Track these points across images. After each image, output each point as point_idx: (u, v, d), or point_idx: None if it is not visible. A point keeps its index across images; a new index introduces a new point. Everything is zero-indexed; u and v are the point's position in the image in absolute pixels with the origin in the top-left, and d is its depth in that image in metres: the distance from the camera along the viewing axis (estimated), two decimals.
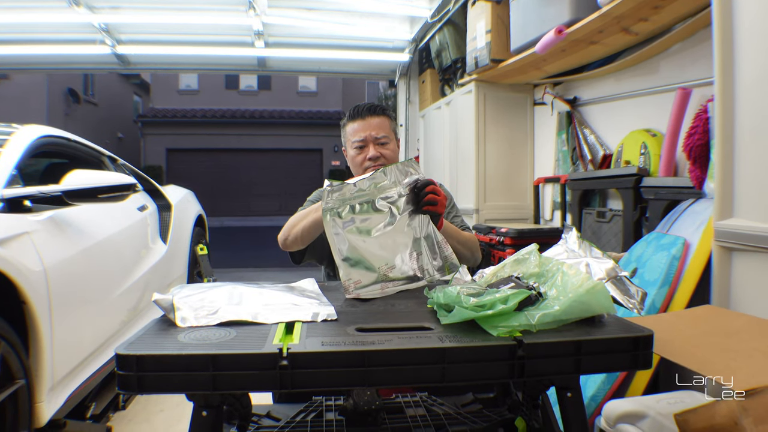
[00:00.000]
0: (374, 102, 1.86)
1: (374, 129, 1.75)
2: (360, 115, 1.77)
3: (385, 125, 1.77)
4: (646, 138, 2.63)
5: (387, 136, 1.77)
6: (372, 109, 1.78)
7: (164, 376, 0.84)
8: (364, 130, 1.75)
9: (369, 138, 1.75)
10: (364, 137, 1.75)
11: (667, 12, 2.27)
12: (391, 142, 1.78)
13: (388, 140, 1.77)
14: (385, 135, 1.76)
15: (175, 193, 3.82)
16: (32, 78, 13.36)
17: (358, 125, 1.76)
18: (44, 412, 1.71)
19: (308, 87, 19.46)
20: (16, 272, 1.60)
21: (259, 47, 5.14)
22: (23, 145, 2.16)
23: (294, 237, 1.62)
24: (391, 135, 1.79)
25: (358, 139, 1.75)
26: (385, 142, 1.76)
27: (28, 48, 5.03)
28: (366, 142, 1.75)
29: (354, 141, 1.76)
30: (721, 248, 1.60)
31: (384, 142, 1.76)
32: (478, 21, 3.63)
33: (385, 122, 1.78)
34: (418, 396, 1.41)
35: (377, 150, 1.74)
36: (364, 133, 1.75)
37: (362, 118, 1.76)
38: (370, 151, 1.74)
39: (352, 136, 1.77)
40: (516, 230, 3.26)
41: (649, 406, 1.32)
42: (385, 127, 1.77)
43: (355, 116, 1.78)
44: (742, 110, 1.53)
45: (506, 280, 1.13)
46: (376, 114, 1.77)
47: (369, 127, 1.75)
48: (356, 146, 1.76)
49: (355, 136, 1.76)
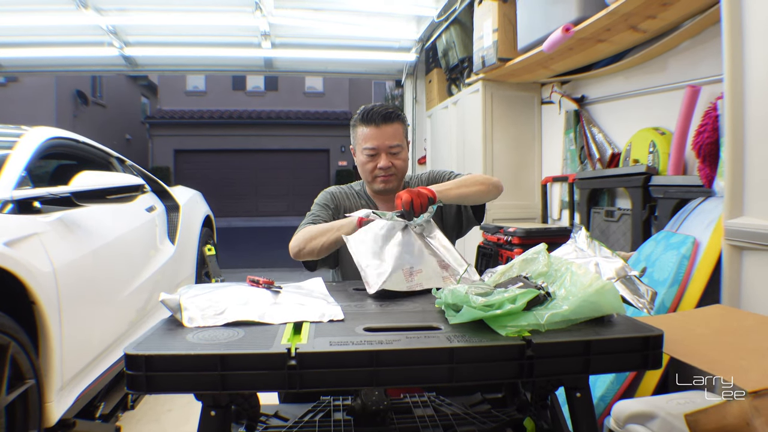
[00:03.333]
0: (384, 103, 1.82)
1: (388, 138, 1.71)
2: (374, 121, 1.71)
3: (398, 133, 1.73)
4: (654, 136, 2.62)
5: (400, 145, 1.73)
6: (386, 117, 1.71)
7: (173, 376, 0.84)
8: (377, 139, 1.70)
9: (382, 147, 1.71)
10: (376, 146, 1.71)
11: (676, 9, 2.25)
12: (403, 150, 1.75)
13: (400, 149, 1.74)
14: (398, 144, 1.72)
15: (183, 194, 3.83)
16: (41, 80, 13.46)
17: (371, 132, 1.71)
18: (54, 412, 1.72)
19: (315, 88, 19.48)
20: (26, 273, 1.61)
21: (265, 48, 5.15)
22: (32, 146, 2.18)
23: (310, 250, 1.61)
24: (403, 142, 1.76)
25: (369, 147, 1.71)
26: (397, 152, 1.73)
27: (36, 50, 5.06)
28: (378, 151, 1.71)
29: (365, 148, 1.72)
30: (731, 247, 1.58)
31: (396, 152, 1.73)
32: (485, 20, 3.62)
33: (399, 130, 1.74)
34: (426, 396, 1.41)
35: (389, 160, 1.71)
36: (377, 142, 1.71)
37: (376, 126, 1.70)
38: (381, 160, 1.71)
39: (363, 141, 1.73)
40: (524, 230, 3.24)
41: (659, 406, 1.31)
42: (398, 135, 1.73)
43: (368, 121, 1.72)
44: (752, 108, 1.52)
45: (515, 279, 1.12)
46: (391, 121, 1.72)
47: (383, 136, 1.70)
48: (368, 153, 1.72)
49: (366, 143, 1.72)
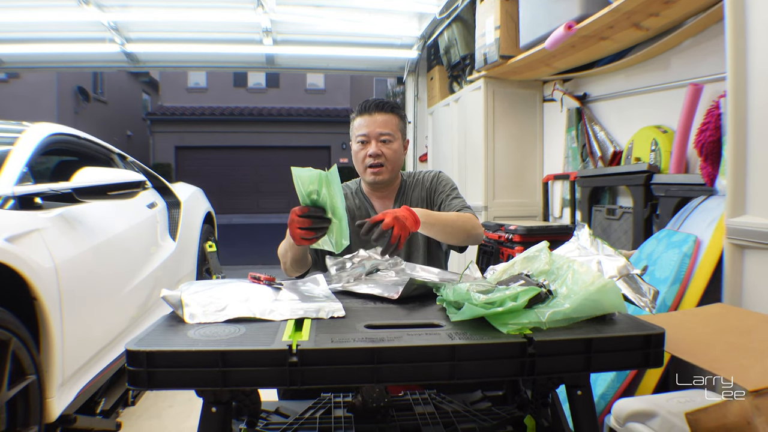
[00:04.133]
0: (384, 98, 1.84)
1: (379, 126, 1.73)
2: (367, 110, 1.74)
3: (391, 123, 1.74)
4: (656, 134, 2.61)
5: (391, 134, 1.74)
6: (380, 106, 1.75)
7: (174, 372, 0.84)
8: (368, 126, 1.73)
9: (372, 134, 1.72)
10: (367, 132, 1.73)
11: (679, 7, 2.25)
12: (396, 141, 1.75)
13: (392, 139, 1.74)
14: (389, 132, 1.73)
15: (184, 191, 3.83)
16: (42, 76, 13.46)
17: (364, 120, 1.74)
18: (55, 408, 1.73)
19: (316, 84, 19.47)
20: (28, 269, 1.61)
21: (267, 44, 5.15)
22: (34, 142, 2.18)
23: (290, 268, 1.64)
24: (396, 134, 1.76)
25: (361, 134, 1.73)
26: (388, 140, 1.73)
27: (38, 47, 5.07)
28: (369, 138, 1.73)
29: (358, 135, 1.75)
30: (733, 246, 1.58)
31: (387, 140, 1.73)
32: (487, 17, 3.61)
33: (392, 120, 1.75)
34: (426, 393, 1.41)
35: (378, 147, 1.72)
36: (368, 129, 1.73)
37: (369, 114, 1.74)
38: (371, 147, 1.72)
39: (357, 130, 1.76)
40: (525, 227, 3.24)
41: (660, 404, 1.31)
42: (391, 124, 1.74)
43: (362, 111, 1.75)
44: (755, 106, 1.51)
45: (516, 277, 1.12)
46: (384, 111, 1.74)
47: (374, 123, 1.73)
48: (359, 140, 1.74)
49: (359, 131, 1.74)
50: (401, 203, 1.80)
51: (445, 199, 1.78)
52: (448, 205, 1.75)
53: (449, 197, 1.78)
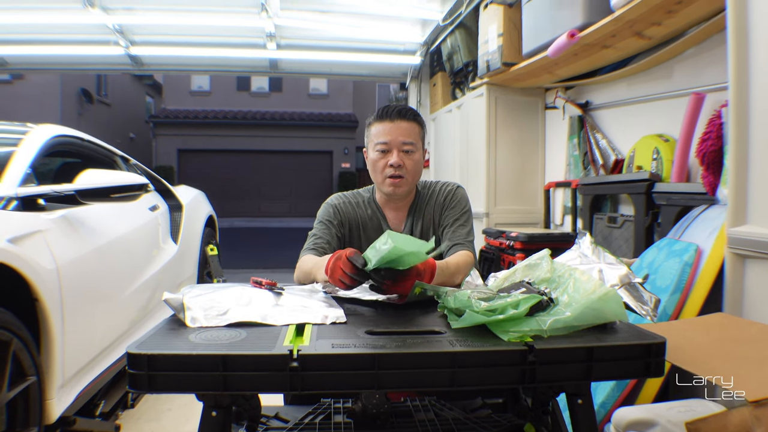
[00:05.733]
0: (405, 104, 1.73)
1: (401, 134, 1.61)
2: (389, 116, 1.62)
3: (414, 132, 1.63)
4: (658, 143, 2.61)
5: (414, 144, 1.62)
6: (402, 112, 1.63)
7: (175, 375, 0.85)
8: (390, 134, 1.61)
9: (394, 142, 1.61)
10: (388, 141, 1.61)
11: (681, 16, 2.26)
12: (417, 152, 1.64)
13: (414, 149, 1.62)
14: (412, 142, 1.62)
15: (186, 194, 3.84)
16: (47, 78, 13.55)
17: (385, 127, 1.62)
18: (54, 409, 1.72)
19: (319, 89, 19.52)
20: (30, 270, 1.61)
21: (271, 49, 5.17)
22: (37, 144, 2.18)
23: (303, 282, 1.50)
24: (418, 143, 1.65)
25: (381, 141, 1.61)
26: (410, 150, 1.62)
27: (42, 48, 5.09)
28: (390, 147, 1.61)
29: (377, 143, 1.62)
30: (734, 255, 1.58)
31: (409, 150, 1.62)
32: (490, 24, 3.63)
33: (414, 129, 1.64)
34: (426, 400, 1.41)
35: (401, 158, 1.61)
36: (390, 137, 1.61)
37: (391, 120, 1.62)
38: (393, 157, 1.61)
39: (376, 137, 1.64)
40: (526, 235, 3.24)
41: (660, 414, 1.31)
42: (413, 133, 1.63)
43: (383, 117, 1.64)
44: (757, 116, 1.52)
45: (517, 285, 1.12)
46: (407, 118, 1.63)
47: (397, 130, 1.61)
48: (379, 149, 1.62)
49: (379, 138, 1.62)
50: (414, 217, 1.72)
51: (451, 224, 1.68)
52: (451, 232, 1.65)
53: (456, 223, 1.68)
